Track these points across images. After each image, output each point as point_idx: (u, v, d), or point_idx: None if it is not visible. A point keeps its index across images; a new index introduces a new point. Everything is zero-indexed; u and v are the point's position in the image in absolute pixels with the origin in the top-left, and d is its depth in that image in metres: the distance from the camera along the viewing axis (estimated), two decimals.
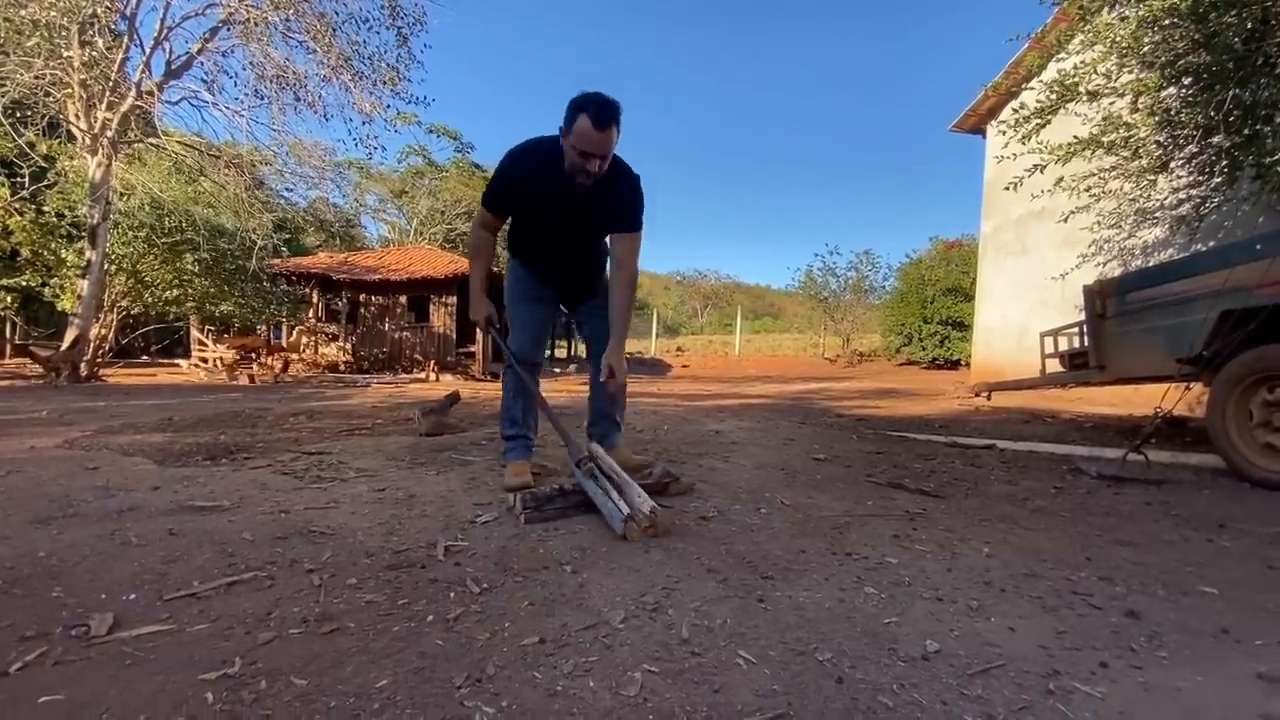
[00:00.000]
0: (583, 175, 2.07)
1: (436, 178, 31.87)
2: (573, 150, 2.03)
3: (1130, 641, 1.19)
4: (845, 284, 20.93)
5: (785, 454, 3.13)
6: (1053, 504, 2.25)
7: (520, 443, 2.45)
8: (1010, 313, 8.10)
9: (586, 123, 1.96)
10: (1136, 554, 1.70)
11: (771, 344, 26.71)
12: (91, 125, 7.56)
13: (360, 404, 5.90)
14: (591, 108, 1.96)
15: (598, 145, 2.00)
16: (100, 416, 4.33)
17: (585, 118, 1.96)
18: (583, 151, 2.01)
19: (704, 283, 50.57)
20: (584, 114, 1.97)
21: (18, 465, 2.56)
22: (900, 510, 2.09)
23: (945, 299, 15.42)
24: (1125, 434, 4.04)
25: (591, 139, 1.98)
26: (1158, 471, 2.73)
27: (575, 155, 2.03)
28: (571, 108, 2.00)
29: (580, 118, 1.97)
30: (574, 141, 2.01)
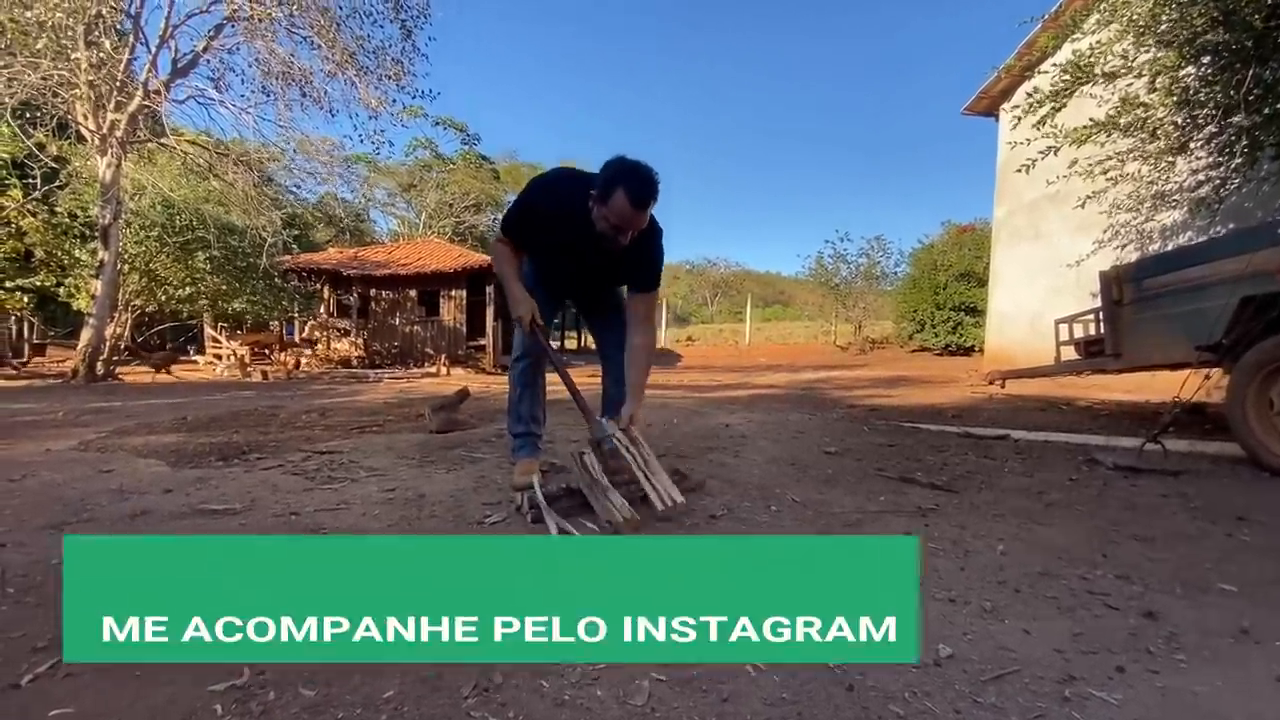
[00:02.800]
0: (611, 242, 1.97)
1: (444, 170, 31.92)
2: (604, 220, 1.90)
3: (1147, 644, 1.17)
4: (856, 270, 20.73)
5: (795, 447, 3.10)
6: (1068, 497, 2.22)
7: (528, 440, 2.42)
8: (1024, 299, 7.99)
9: (624, 200, 1.84)
10: (1154, 550, 1.67)
11: (782, 332, 26.60)
12: (100, 126, 7.62)
13: (371, 400, 5.94)
14: (633, 184, 1.84)
15: (633, 222, 1.89)
16: (115, 417, 4.39)
17: (623, 194, 1.83)
18: (615, 225, 1.91)
19: (713, 271, 50.37)
20: (622, 189, 1.83)
21: (34, 469, 2.59)
22: (912, 506, 2.07)
23: (958, 284, 15.25)
24: (1142, 421, 3.98)
25: (627, 215, 1.86)
26: (1175, 461, 2.68)
27: (607, 225, 1.93)
28: (609, 178, 1.87)
29: (618, 193, 1.84)
30: (608, 214, 1.88)
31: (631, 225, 1.89)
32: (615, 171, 1.86)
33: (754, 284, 53.21)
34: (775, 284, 61.10)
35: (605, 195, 1.86)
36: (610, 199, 1.86)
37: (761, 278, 59.96)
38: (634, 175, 1.85)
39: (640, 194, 1.84)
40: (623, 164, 1.88)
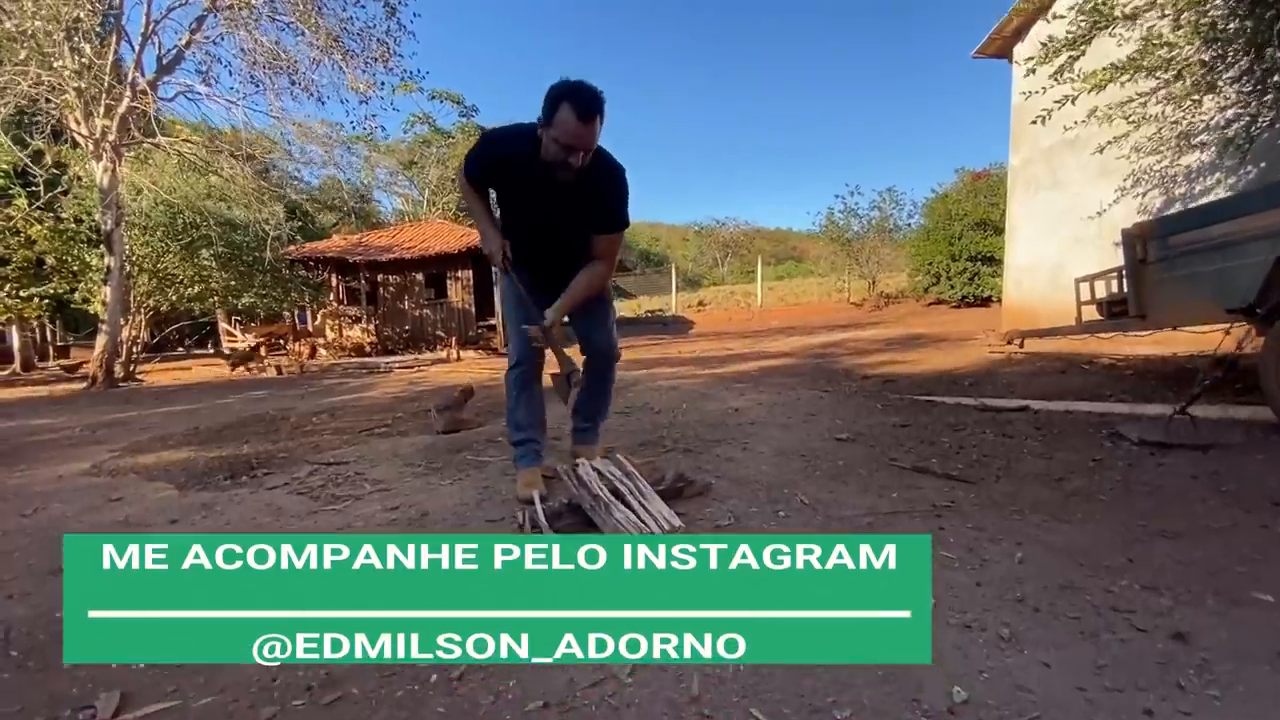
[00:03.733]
0: (564, 169, 1.96)
1: (444, 145, 31.46)
2: (554, 143, 1.92)
3: (1178, 675, 1.10)
4: (868, 225, 20.24)
5: (806, 434, 3.03)
6: (1090, 484, 2.13)
7: (528, 448, 2.40)
8: (1043, 251, 7.71)
9: (569, 114, 1.85)
10: (1182, 549, 1.59)
11: (795, 290, 26.19)
12: (92, 131, 7.54)
13: (381, 396, 5.95)
14: (575, 98, 1.85)
15: (581, 138, 1.90)
16: (130, 430, 4.43)
17: (568, 108, 1.85)
18: (564, 144, 1.91)
19: (723, 231, 49.45)
20: (566, 104, 1.85)
21: (45, 500, 2.61)
22: (926, 504, 2.00)
23: (973, 234, 14.83)
24: (1167, 381, 3.84)
25: (574, 131, 1.88)
26: (1205, 433, 2.56)
27: (556, 148, 1.93)
28: (552, 97, 1.89)
29: (562, 108, 1.86)
30: (555, 134, 1.90)
31: (580, 143, 1.89)
32: (558, 90, 1.87)
33: (765, 241, 52.29)
34: (786, 240, 60.11)
35: (551, 115, 1.88)
36: (556, 117, 1.86)
37: (772, 234, 58.95)
38: (577, 90, 1.86)
39: (585, 106, 1.84)
40: (565, 83, 1.90)
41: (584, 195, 2.07)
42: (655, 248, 56.05)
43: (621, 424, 3.56)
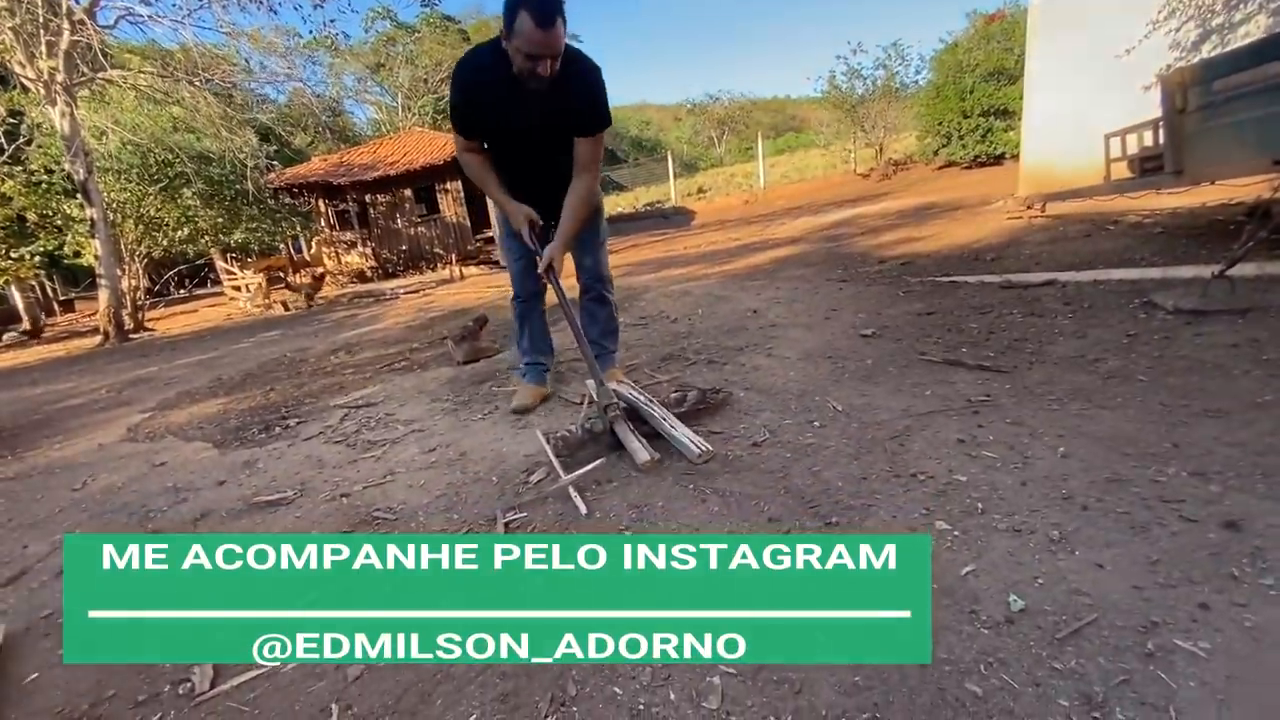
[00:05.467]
0: (534, 80, 1.90)
1: (410, 42, 29.22)
2: (518, 54, 1.85)
3: (1232, 565, 1.12)
4: (873, 86, 18.95)
5: (830, 333, 2.99)
6: (1127, 363, 2.10)
7: (532, 369, 2.62)
8: (1065, 99, 7.18)
9: (529, 22, 1.78)
10: (1227, 429, 1.58)
11: (799, 165, 25.09)
12: (39, 73, 7.01)
13: (394, 326, 5.93)
14: (531, 5, 1.77)
15: (545, 45, 1.82)
16: (155, 387, 4.48)
17: (526, 17, 1.77)
18: (529, 54, 1.83)
19: (717, 108, 46.58)
20: (524, 11, 1.77)
21: (92, 470, 2.68)
22: (962, 400, 1.98)
23: (986, 85, 13.89)
24: (1200, 237, 3.68)
25: (536, 39, 1.80)
26: (1243, 295, 2.47)
27: (521, 59, 1.86)
28: (509, 6, 1.81)
29: (521, 17, 1.78)
30: (518, 44, 1.83)
31: (545, 49, 1.83)
32: (514, 0, 1.79)
33: (763, 113, 49.48)
34: (785, 109, 56.88)
35: (510, 26, 1.82)
36: (515, 28, 1.80)
37: (770, 105, 55.69)
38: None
39: (542, 8, 1.76)
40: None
41: (561, 101, 2.01)
42: (647, 132, 53.31)
43: (640, 336, 3.53)
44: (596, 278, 2.52)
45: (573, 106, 2.05)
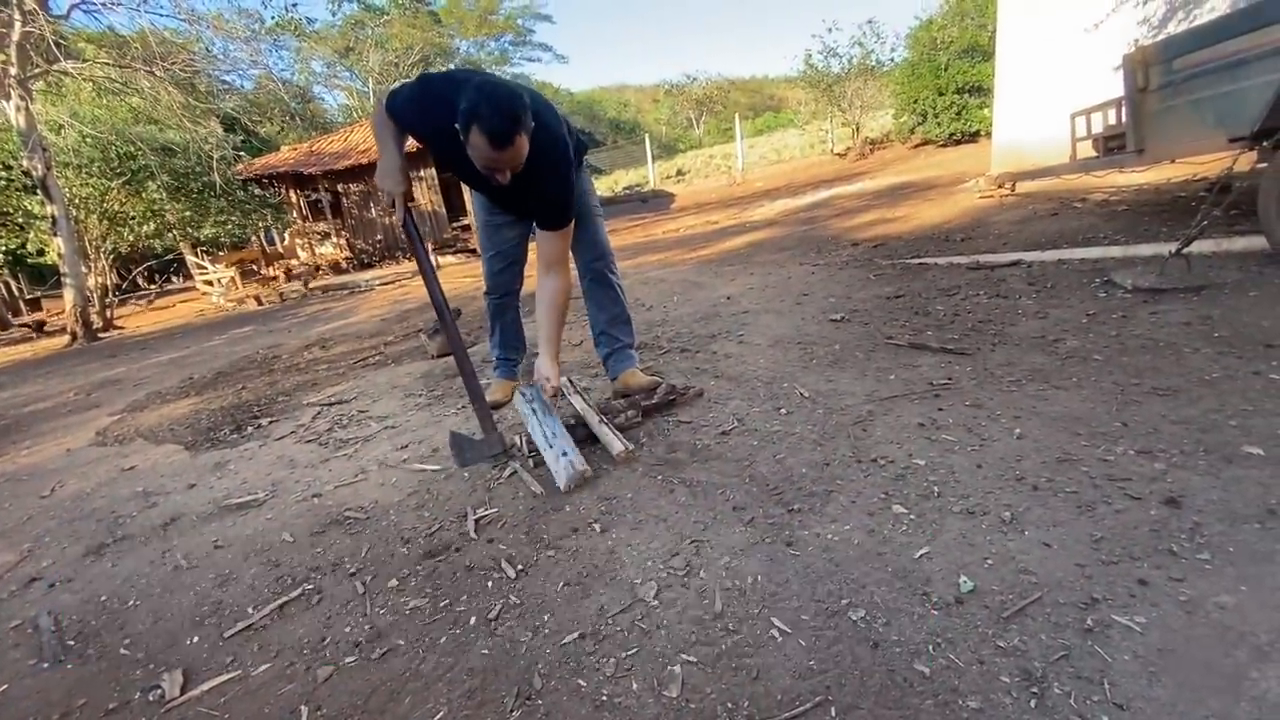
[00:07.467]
0: (494, 179, 1.75)
1: (379, 24, 28.53)
2: (475, 157, 1.69)
3: (1170, 542, 1.17)
4: (849, 64, 18.88)
5: (800, 319, 3.02)
6: (1085, 343, 2.15)
7: (503, 364, 2.64)
8: (1035, 77, 7.23)
9: (482, 141, 1.61)
10: (1175, 407, 1.63)
11: (776, 146, 25.01)
12: None
13: (368, 319, 5.87)
14: (485, 123, 1.59)
15: (499, 162, 1.67)
16: (124, 389, 4.40)
17: (479, 135, 1.60)
18: (486, 166, 1.69)
19: (694, 88, 46.16)
20: (476, 129, 1.60)
21: (61, 476, 2.64)
22: (924, 384, 2.02)
23: (961, 62, 13.96)
24: (1161, 215, 3.76)
25: (493, 157, 1.65)
26: (1199, 272, 2.54)
27: (479, 164, 1.71)
28: (464, 117, 1.61)
29: (473, 133, 1.61)
30: (474, 155, 1.68)
31: (502, 165, 1.68)
32: (467, 110, 1.60)
33: (740, 93, 49.08)
34: (763, 89, 56.43)
35: (465, 135, 1.64)
36: (469, 139, 1.63)
37: (747, 84, 55.16)
38: (485, 113, 1.58)
39: (496, 131, 1.59)
40: (474, 99, 1.59)
41: (525, 186, 1.84)
42: (625, 114, 52.73)
43: None
44: (596, 254, 2.28)
45: (534, 201, 1.91)
